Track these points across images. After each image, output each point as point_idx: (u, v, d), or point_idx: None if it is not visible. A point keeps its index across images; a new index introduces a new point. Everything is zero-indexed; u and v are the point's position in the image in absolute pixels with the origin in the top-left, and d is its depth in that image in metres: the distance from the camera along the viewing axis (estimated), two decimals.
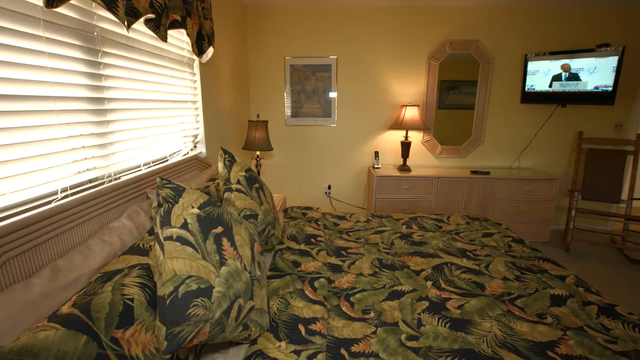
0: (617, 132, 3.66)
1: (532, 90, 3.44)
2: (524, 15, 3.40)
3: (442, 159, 3.74)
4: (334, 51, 3.51)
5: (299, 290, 1.36)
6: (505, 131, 3.67)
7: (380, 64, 3.53)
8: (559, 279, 1.57)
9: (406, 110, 3.30)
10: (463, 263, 1.68)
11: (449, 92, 3.59)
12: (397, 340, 1.16)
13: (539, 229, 3.39)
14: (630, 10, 3.37)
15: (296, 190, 3.85)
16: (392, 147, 3.70)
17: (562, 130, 3.67)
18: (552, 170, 3.76)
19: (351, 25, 3.44)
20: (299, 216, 2.25)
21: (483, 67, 3.48)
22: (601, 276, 2.86)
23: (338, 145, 3.72)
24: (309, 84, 3.61)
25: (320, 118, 3.67)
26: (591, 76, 3.20)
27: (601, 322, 1.29)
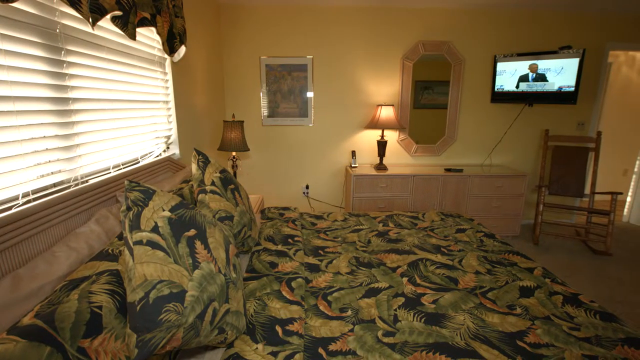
0: (579, 130, 3.86)
1: (501, 90, 3.57)
2: (492, 18, 3.52)
3: (418, 157, 3.82)
4: (309, 51, 3.51)
5: (276, 291, 1.35)
6: (476, 130, 3.79)
7: (356, 64, 3.56)
8: (528, 271, 1.64)
9: (382, 110, 3.34)
10: (437, 259, 1.73)
11: (424, 92, 3.67)
12: (374, 337, 1.17)
13: (510, 224, 3.52)
14: (590, 15, 3.55)
15: (274, 191, 3.82)
16: (369, 146, 3.75)
17: (529, 129, 3.83)
18: (521, 167, 3.92)
19: (327, 25, 3.46)
20: (276, 217, 2.24)
21: (455, 67, 3.58)
22: (567, 267, 3.00)
23: (315, 145, 3.73)
24: (285, 83, 3.60)
25: (297, 118, 3.66)
26: (557, 77, 3.35)
27: (566, 311, 1.35)
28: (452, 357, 1.08)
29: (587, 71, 3.67)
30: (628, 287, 2.68)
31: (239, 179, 3.76)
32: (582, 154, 3.54)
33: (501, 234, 3.57)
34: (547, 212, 4.05)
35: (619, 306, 2.42)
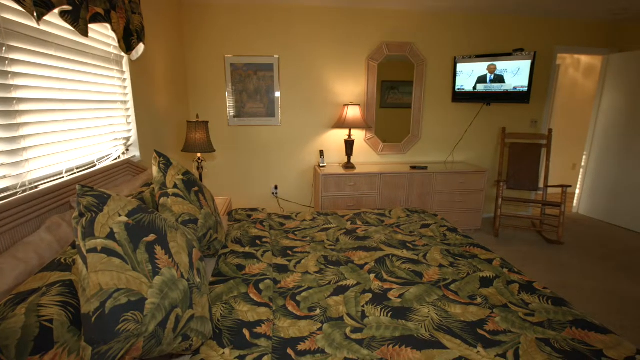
0: (533, 128, 4.11)
1: (461, 90, 3.73)
2: (452, 21, 3.67)
3: (384, 155, 3.90)
4: (275, 50, 3.49)
5: (244, 294, 1.33)
6: (439, 128, 3.93)
7: (322, 64, 3.58)
8: (487, 262, 1.72)
9: (348, 110, 3.38)
10: (403, 254, 1.77)
11: (390, 92, 3.75)
12: (343, 334, 1.19)
13: (472, 218, 3.68)
14: (540, 20, 3.79)
15: (242, 192, 3.76)
16: (337, 145, 3.78)
17: (488, 127, 4.02)
18: (481, 163, 4.11)
19: (293, 25, 3.45)
20: (244, 218, 2.21)
21: (417, 68, 3.69)
22: (524, 256, 3.18)
23: (283, 145, 3.71)
24: (251, 83, 3.55)
25: (264, 118, 3.63)
26: (512, 78, 3.54)
27: (522, 298, 1.43)
28: (418, 349, 1.12)
29: (538, 72, 3.91)
30: (578, 273, 2.88)
31: (205, 181, 3.66)
32: (535, 150, 3.77)
33: (464, 228, 3.72)
34: (505, 206, 4.27)
35: (570, 291, 2.60)
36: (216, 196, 3.56)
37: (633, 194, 3.86)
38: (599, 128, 4.24)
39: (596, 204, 4.30)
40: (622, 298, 2.52)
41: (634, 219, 3.87)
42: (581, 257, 3.20)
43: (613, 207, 4.09)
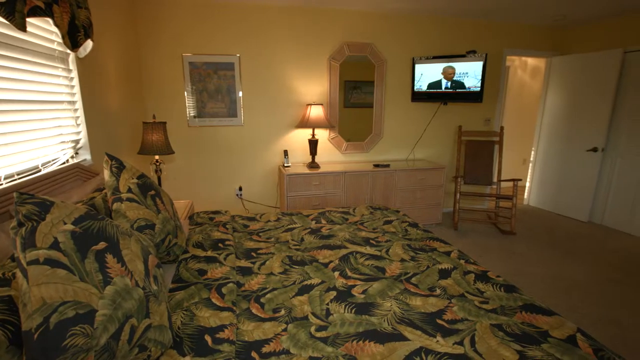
0: (486, 126, 4.34)
1: (420, 90, 3.86)
2: (410, 23, 3.79)
3: (348, 154, 3.95)
4: (236, 49, 3.42)
5: (205, 300, 1.30)
6: (400, 127, 4.05)
7: (285, 63, 3.56)
8: (446, 255, 1.80)
9: (311, 109, 3.39)
10: (367, 250, 1.81)
11: (353, 92, 3.81)
12: (307, 333, 1.19)
13: (433, 213, 3.83)
14: (490, 24, 4.01)
15: (205, 195, 3.66)
16: (301, 145, 3.78)
17: (445, 125, 4.20)
18: (440, 160, 4.28)
19: (253, 23, 3.40)
20: (206, 221, 2.15)
21: (378, 68, 3.78)
22: (481, 247, 3.36)
23: (246, 145, 3.65)
24: (211, 82, 3.46)
25: (226, 118, 3.55)
26: (466, 78, 3.71)
27: (477, 287, 1.51)
28: (381, 343, 1.14)
29: (490, 73, 4.14)
30: (529, 260, 3.09)
31: (165, 185, 3.52)
32: (489, 146, 3.99)
33: (425, 223, 3.86)
34: (463, 200, 4.48)
35: (522, 277, 2.78)
36: (177, 200, 3.44)
37: (574, 186, 4.20)
38: (545, 125, 4.56)
39: (544, 196, 4.63)
40: (567, 281, 2.73)
41: (576, 208, 4.21)
42: (532, 245, 3.43)
43: (558, 198, 4.42)
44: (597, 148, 3.93)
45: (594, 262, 3.07)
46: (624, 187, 3.81)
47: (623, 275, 2.85)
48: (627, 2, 3.25)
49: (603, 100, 3.84)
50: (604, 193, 4.01)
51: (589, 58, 3.97)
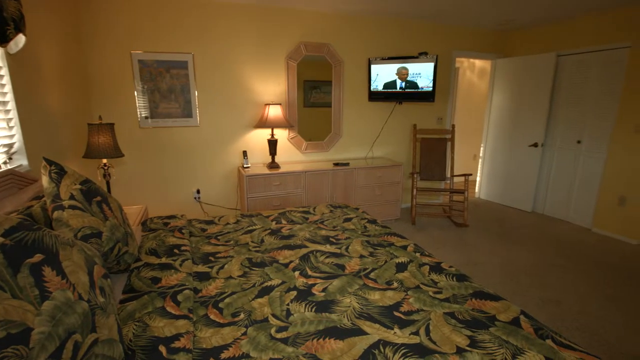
0: (439, 124, 4.55)
1: (376, 90, 3.96)
2: (365, 24, 3.87)
3: (308, 154, 3.97)
4: (189, 47, 3.30)
5: (160, 309, 1.24)
6: (359, 126, 4.13)
7: (242, 62, 3.50)
8: (403, 249, 1.86)
9: (269, 109, 3.36)
10: (327, 249, 1.83)
11: (312, 91, 3.82)
12: (268, 335, 1.18)
13: (392, 209, 3.95)
14: (440, 27, 4.20)
15: (160, 199, 3.50)
16: (260, 145, 3.73)
17: (401, 124, 4.34)
18: (397, 158, 4.42)
19: (208, 21, 3.30)
20: (160, 227, 2.05)
21: (335, 68, 3.82)
22: (437, 240, 3.52)
23: (203, 146, 3.54)
24: (163, 81, 3.31)
25: (181, 118, 3.42)
26: (420, 79, 3.86)
27: (432, 278, 1.58)
28: (340, 339, 1.16)
29: (441, 74, 4.34)
30: (481, 250, 3.28)
31: (115, 190, 3.33)
32: (442, 144, 4.18)
33: (385, 219, 3.97)
34: (420, 196, 4.67)
35: (475, 266, 2.95)
36: (129, 205, 3.26)
37: (519, 179, 4.52)
38: (492, 123, 4.87)
39: (493, 189, 4.94)
40: (515, 267, 2.93)
41: (521, 200, 4.54)
42: (483, 236, 3.65)
43: (505, 191, 4.74)
44: (537, 143, 4.27)
45: (537, 249, 3.33)
46: (561, 179, 4.17)
47: (562, 259, 3.11)
48: (559, 11, 3.55)
49: (541, 99, 4.17)
50: (544, 185, 4.36)
51: (528, 60, 4.29)
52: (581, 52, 3.83)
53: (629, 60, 3.43)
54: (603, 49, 3.64)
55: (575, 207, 4.05)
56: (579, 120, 3.93)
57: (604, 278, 2.78)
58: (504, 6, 3.44)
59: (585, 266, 2.98)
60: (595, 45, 3.70)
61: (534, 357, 1.09)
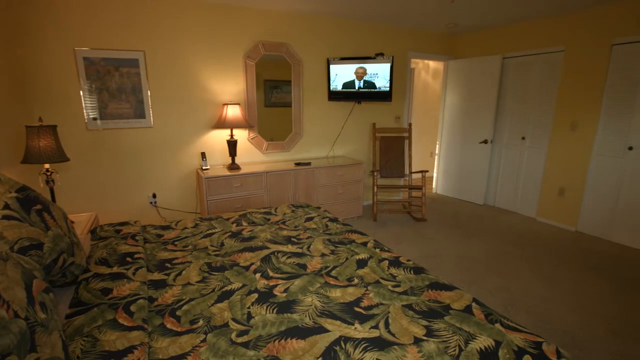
0: (397, 123, 4.70)
1: (336, 90, 4.01)
2: (324, 24, 3.90)
3: (269, 154, 3.93)
4: (140, 44, 3.14)
5: (111, 321, 1.17)
6: (319, 125, 4.16)
7: (197, 61, 3.39)
8: (363, 245, 1.90)
9: (228, 109, 3.29)
10: (288, 249, 1.82)
11: (273, 91, 3.79)
12: (228, 340, 1.16)
13: (354, 206, 4.02)
14: (396, 28, 4.33)
15: (113, 205, 3.30)
16: (219, 146, 3.64)
17: (361, 123, 4.43)
18: (358, 156, 4.51)
19: (158, 17, 3.15)
20: (112, 235, 1.94)
21: (294, 68, 3.82)
22: (398, 235, 3.63)
23: (158, 148, 3.39)
24: (112, 80, 3.13)
25: (133, 119, 3.25)
26: (377, 79, 3.96)
27: (391, 273, 1.63)
28: (302, 338, 1.16)
29: (397, 75, 4.48)
30: (438, 243, 3.43)
31: (60, 197, 3.09)
32: (400, 142, 4.32)
33: (347, 217, 4.04)
34: (381, 193, 4.79)
35: (433, 259, 3.08)
36: (78, 213, 3.05)
37: (472, 174, 4.78)
38: (446, 121, 5.11)
39: (448, 184, 5.18)
40: (469, 257, 3.10)
41: (474, 193, 4.80)
42: (440, 229, 3.82)
43: (460, 186, 4.99)
44: (487, 140, 4.53)
45: (489, 239, 3.54)
46: (508, 173, 4.47)
47: (511, 247, 3.34)
48: (500, 17, 3.79)
49: (489, 99, 4.44)
50: (494, 179, 4.65)
51: (476, 62, 4.54)
52: (523, 54, 4.12)
53: (563, 62, 3.74)
54: (541, 52, 3.94)
55: (521, 198, 4.35)
56: (523, 118, 4.23)
57: (547, 263, 3.02)
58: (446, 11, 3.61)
59: (530, 253, 3.22)
60: (535, 49, 4.00)
61: (484, 341, 1.15)
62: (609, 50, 3.37)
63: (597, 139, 3.54)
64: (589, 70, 3.54)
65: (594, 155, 3.58)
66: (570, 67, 3.68)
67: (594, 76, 3.51)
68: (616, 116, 3.38)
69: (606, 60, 3.39)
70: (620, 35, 3.28)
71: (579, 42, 3.60)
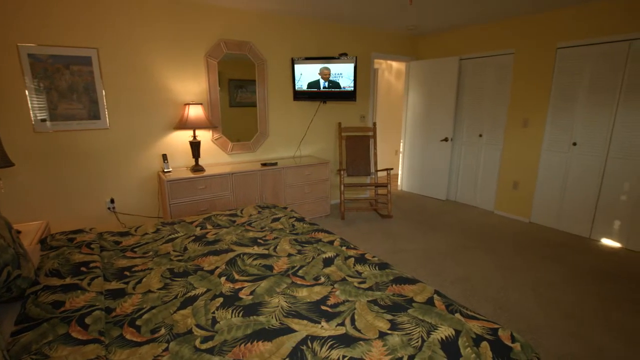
0: (362, 122, 4.77)
1: (301, 90, 4.01)
2: (288, 24, 3.88)
3: (235, 155, 3.86)
4: (93, 42, 2.97)
5: (63, 336, 1.11)
6: (285, 125, 4.14)
7: (157, 60, 3.25)
8: (329, 244, 1.92)
9: (190, 109, 3.19)
10: (254, 250, 1.80)
11: (238, 91, 3.72)
12: (192, 348, 1.12)
13: (322, 205, 4.04)
14: (360, 29, 4.40)
15: (66, 213, 3.10)
16: (182, 148, 3.52)
17: (327, 122, 4.46)
18: (324, 155, 4.53)
19: (114, 13, 2.99)
20: (64, 244, 1.82)
21: (258, 67, 3.77)
22: (365, 232, 3.69)
23: (116, 150, 3.22)
24: (62, 79, 2.93)
25: (87, 120, 3.07)
26: (342, 78, 4.00)
27: (356, 270, 1.66)
28: (269, 340, 1.16)
29: (361, 75, 4.56)
30: (404, 238, 3.53)
31: (5, 205, 2.86)
32: (365, 141, 4.39)
33: (315, 216, 4.05)
34: (348, 191, 4.85)
35: (399, 254, 3.16)
36: (26, 222, 2.84)
37: (434, 171, 4.96)
38: (409, 120, 5.26)
39: (413, 181, 5.35)
40: (433, 251, 3.22)
41: (437, 189, 4.99)
42: (406, 225, 3.93)
43: (423, 182, 5.16)
44: (447, 138, 4.72)
45: (451, 233, 3.69)
46: (468, 169, 4.68)
47: (471, 240, 3.50)
48: (456, 20, 3.96)
49: (449, 98, 4.62)
50: (455, 175, 4.85)
51: (436, 63, 4.72)
52: (479, 56, 4.33)
53: (514, 64, 3.98)
54: (495, 55, 4.16)
55: (480, 193, 4.58)
56: (480, 116, 4.45)
57: (504, 253, 3.19)
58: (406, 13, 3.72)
59: (489, 244, 3.40)
60: (489, 51, 4.21)
61: (445, 330, 1.20)
62: (554, 53, 3.62)
63: (546, 135, 3.79)
64: (537, 71, 3.79)
65: (543, 151, 3.84)
66: (520, 69, 3.92)
67: (541, 77, 3.76)
68: (562, 114, 3.64)
69: (552, 62, 3.64)
70: (564, 39, 3.53)
71: (527, 45, 3.84)
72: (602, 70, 3.30)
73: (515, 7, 3.48)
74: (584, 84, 3.44)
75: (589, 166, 3.49)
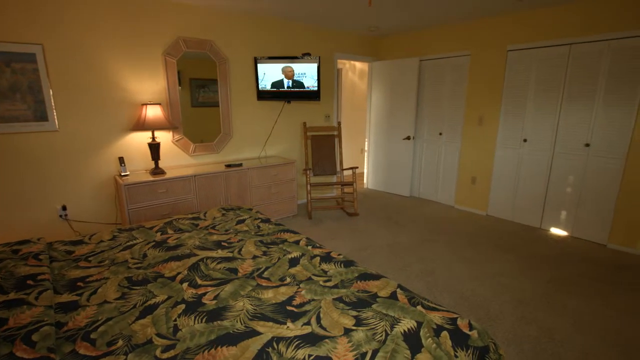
0: (327, 121, 4.81)
1: (264, 89, 3.96)
2: (251, 22, 3.82)
3: (197, 156, 3.75)
4: (36, 37, 2.76)
5: (6, 356, 1.02)
6: (249, 125, 4.08)
7: (111, 57, 3.08)
8: (295, 244, 1.92)
9: (147, 110, 3.06)
10: (218, 254, 1.77)
11: (200, 90, 3.61)
12: (152, 358, 1.08)
13: (289, 205, 4.03)
14: (322, 30, 4.42)
15: (11, 223, 2.86)
16: (140, 150, 3.37)
17: (292, 122, 4.45)
18: (290, 155, 4.52)
19: (61, 5, 2.80)
20: (7, 256, 1.69)
21: (220, 66, 3.69)
22: (333, 231, 3.72)
23: (67, 154, 3.02)
24: (2, 77, 2.71)
25: (32, 122, 2.85)
26: (305, 78, 4.01)
27: (322, 268, 1.67)
28: (233, 344, 1.14)
29: (325, 75, 4.59)
30: (371, 235, 3.60)
31: None
32: (331, 140, 4.43)
33: (282, 216, 4.03)
34: (314, 190, 4.87)
35: (366, 251, 3.22)
36: None
37: (398, 169, 5.10)
38: (373, 119, 5.36)
39: (378, 179, 5.46)
40: (399, 246, 3.31)
41: (401, 186, 5.13)
42: (372, 222, 4.01)
43: (388, 180, 5.29)
44: (409, 137, 4.87)
45: (415, 228, 3.81)
46: (429, 166, 4.85)
47: (434, 234, 3.64)
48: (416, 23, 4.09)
49: (410, 98, 4.77)
50: (417, 172, 5.02)
51: (397, 64, 4.84)
52: (438, 57, 4.50)
53: (470, 65, 4.18)
54: (452, 56, 4.34)
55: (441, 189, 4.76)
56: (439, 115, 4.63)
57: (464, 245, 3.35)
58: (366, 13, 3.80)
59: (450, 237, 3.55)
60: (447, 53, 4.39)
61: (408, 323, 1.24)
62: (505, 55, 3.84)
63: (500, 133, 4.02)
64: (490, 72, 4.00)
65: (498, 147, 4.06)
66: (476, 70, 4.12)
67: (494, 78, 3.97)
68: (513, 112, 3.87)
69: (503, 64, 3.87)
70: (514, 42, 3.76)
71: (481, 47, 4.05)
72: (547, 72, 3.55)
73: (469, 10, 3.65)
74: (531, 85, 3.68)
75: (538, 161, 3.74)
